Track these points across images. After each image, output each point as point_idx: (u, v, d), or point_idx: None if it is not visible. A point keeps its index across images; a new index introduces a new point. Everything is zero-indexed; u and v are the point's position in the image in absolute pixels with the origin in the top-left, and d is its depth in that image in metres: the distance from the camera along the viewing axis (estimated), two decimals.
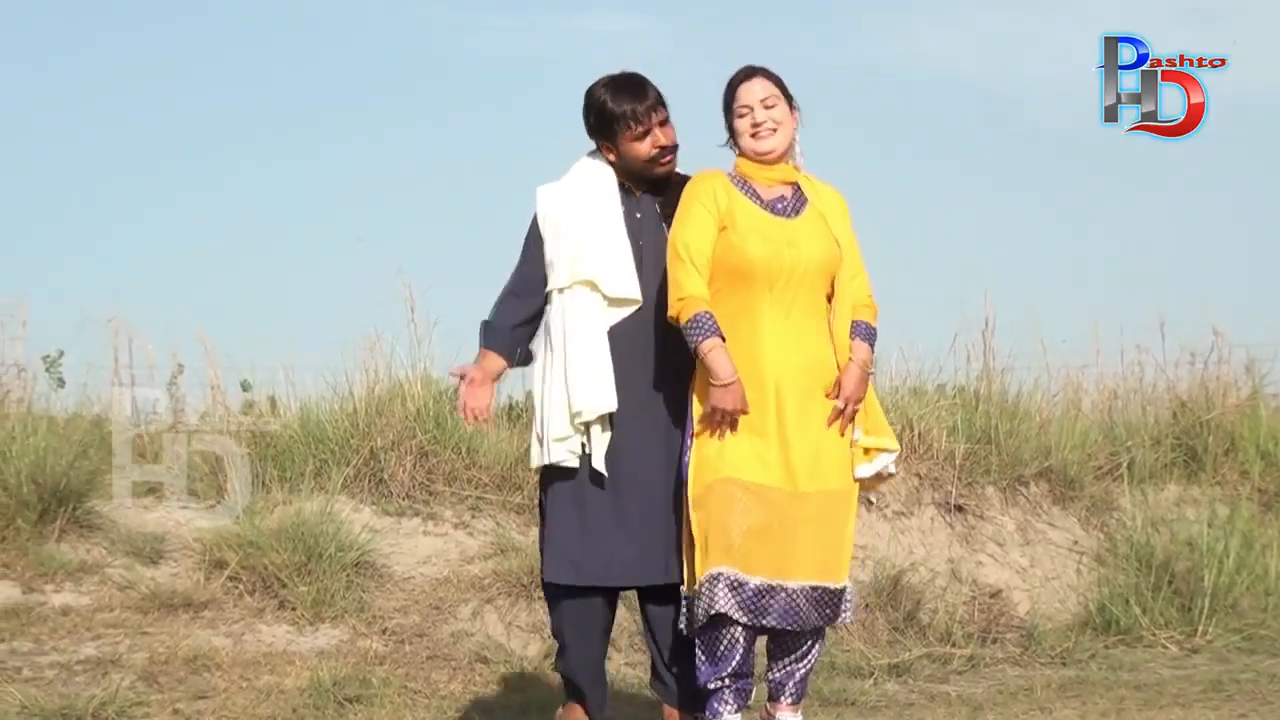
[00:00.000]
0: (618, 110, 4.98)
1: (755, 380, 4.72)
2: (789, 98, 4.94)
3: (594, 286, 4.93)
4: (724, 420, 4.68)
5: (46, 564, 7.35)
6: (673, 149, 5.04)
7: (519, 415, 9.33)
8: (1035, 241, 17.07)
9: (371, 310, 10.13)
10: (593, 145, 5.15)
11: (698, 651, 4.82)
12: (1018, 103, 19.58)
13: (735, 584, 4.65)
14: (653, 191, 5.08)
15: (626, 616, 7.58)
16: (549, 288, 5.00)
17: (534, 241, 5.09)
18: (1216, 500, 8.92)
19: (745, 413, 4.67)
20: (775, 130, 4.87)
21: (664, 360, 4.94)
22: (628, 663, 7.38)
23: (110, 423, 8.72)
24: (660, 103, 5.01)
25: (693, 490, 4.75)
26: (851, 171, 4.92)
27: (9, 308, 8.82)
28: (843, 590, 4.79)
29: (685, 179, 5.01)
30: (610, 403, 4.87)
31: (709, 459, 4.72)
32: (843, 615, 4.83)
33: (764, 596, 4.67)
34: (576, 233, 4.98)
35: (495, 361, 5.09)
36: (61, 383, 9.19)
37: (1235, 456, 9.35)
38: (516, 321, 5.10)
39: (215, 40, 18.53)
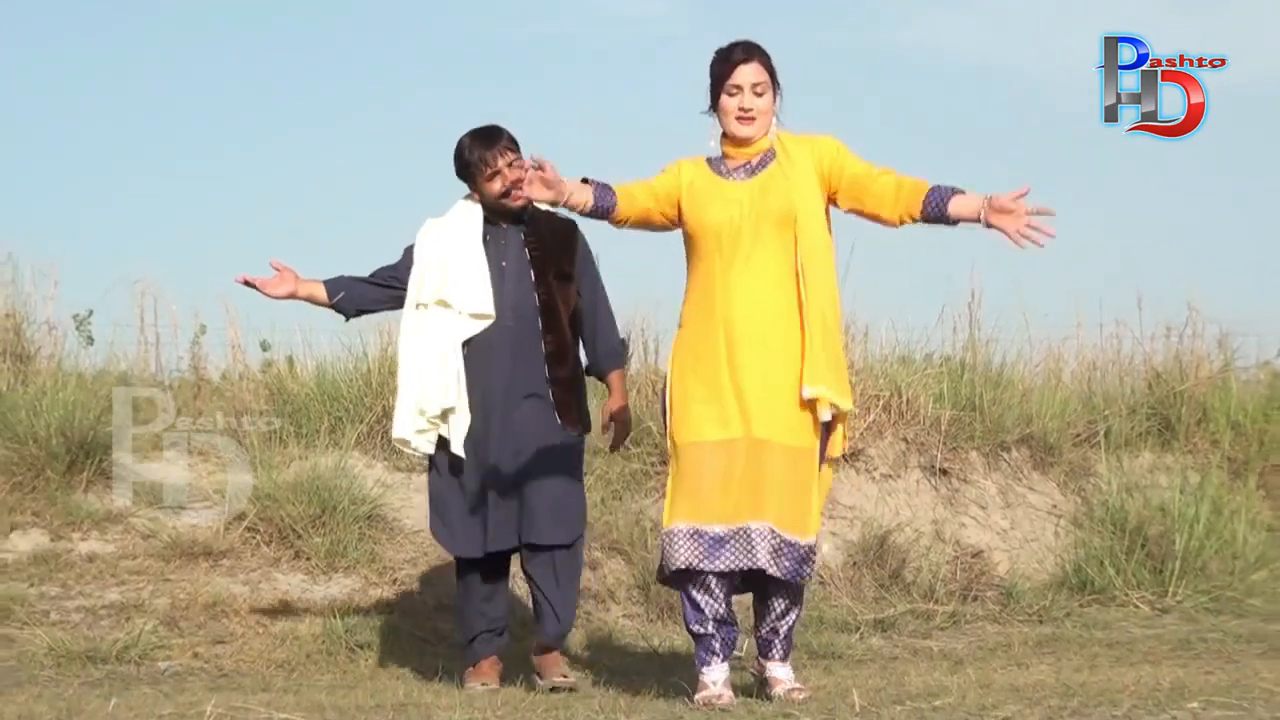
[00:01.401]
0: (471, 158, 5.67)
1: (709, 333, 4.73)
2: (775, 82, 4.89)
3: (447, 304, 5.62)
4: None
5: (74, 513, 7.35)
6: (520, 185, 5.32)
7: None
8: None
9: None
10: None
11: (683, 599, 4.81)
12: (1013, 87, 19.51)
13: (695, 534, 4.64)
14: (516, 223, 5.73)
15: (625, 570, 7.57)
16: (413, 301, 5.70)
17: (407, 255, 5.79)
18: (1188, 468, 8.91)
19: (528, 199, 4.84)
20: (756, 119, 4.83)
21: (519, 362, 5.62)
22: (625, 615, 7.37)
23: (135, 378, 8.70)
24: (510, 146, 5.64)
25: (671, 450, 4.76)
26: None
27: (42, 268, 8.81)
28: (808, 547, 4.70)
29: (546, 212, 5.67)
30: (449, 400, 5.57)
31: (678, 422, 4.74)
32: (804, 571, 4.73)
33: (722, 543, 4.62)
34: (440, 261, 5.66)
35: (316, 286, 5.78)
36: (90, 340, 9.18)
37: (1206, 426, 9.32)
38: (358, 279, 5.80)
39: (234, 16, 18.45)
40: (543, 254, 5.72)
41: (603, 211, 4.81)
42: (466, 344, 5.62)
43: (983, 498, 8.54)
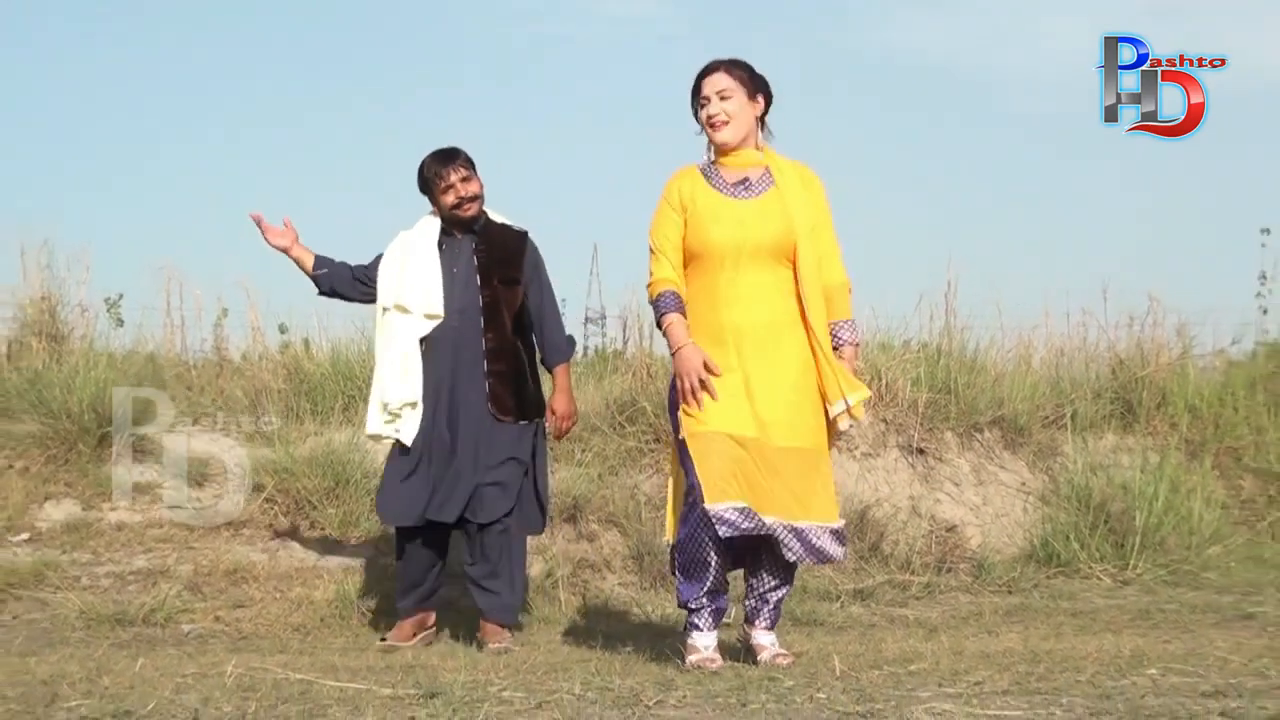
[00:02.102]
0: (429, 174, 6.02)
1: (718, 339, 4.72)
2: (756, 87, 4.88)
3: (405, 309, 5.95)
4: (690, 390, 4.64)
5: (104, 484, 7.36)
6: (471, 199, 5.98)
7: None
8: (996, 216, 17.09)
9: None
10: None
11: (676, 574, 4.82)
12: (993, 88, 19.51)
13: (733, 511, 4.57)
14: (470, 233, 6.03)
15: (620, 541, 7.59)
16: (379, 305, 6.02)
17: (376, 261, 6.12)
18: (1148, 449, 8.92)
19: (697, 381, 4.64)
20: (728, 122, 4.84)
21: (461, 357, 5.92)
22: (620, 583, 7.38)
23: (162, 358, 8.71)
24: (464, 164, 5.98)
25: (684, 444, 4.68)
26: (837, 148, 4.88)
27: (75, 254, 8.80)
28: (819, 529, 4.72)
29: (501, 224, 6.07)
30: (410, 395, 5.92)
31: (696, 415, 4.67)
32: (828, 553, 4.75)
33: (738, 515, 4.57)
34: (399, 269, 6.00)
35: (308, 254, 6.15)
36: (120, 322, 9.19)
37: (1166, 410, 9.34)
38: (343, 265, 6.16)
39: (256, 16, 18.43)
40: (489, 260, 6.00)
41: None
42: (424, 342, 5.95)
43: (957, 475, 8.56)
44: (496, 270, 5.99)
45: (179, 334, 9.04)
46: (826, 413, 4.77)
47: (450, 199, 5.98)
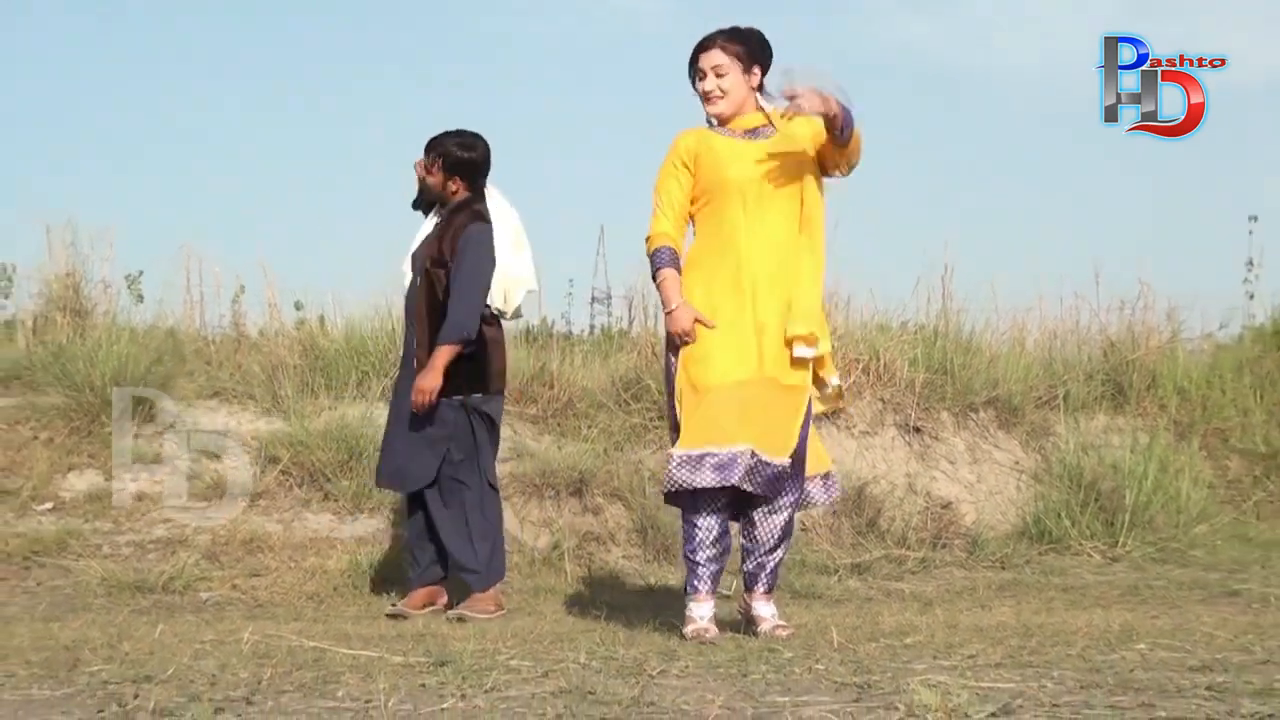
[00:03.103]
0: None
1: (735, 286, 4.75)
2: (752, 59, 4.89)
3: (404, 273, 6.21)
4: (679, 342, 4.72)
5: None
6: (428, 183, 6.19)
7: (535, 338, 9.32)
8: (991, 202, 17.03)
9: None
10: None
11: (683, 523, 4.87)
12: (988, 81, 19.46)
13: (693, 458, 4.64)
14: (442, 208, 6.22)
15: (625, 515, 7.59)
16: None
17: None
18: (1138, 429, 8.91)
19: (689, 340, 4.72)
20: (722, 97, 4.88)
21: (409, 328, 6.13)
22: (624, 556, 7.38)
23: (182, 333, 8.70)
24: (429, 151, 6.17)
25: (685, 389, 4.73)
26: None
27: (99, 232, 8.78)
28: (781, 467, 4.73)
29: (464, 210, 6.08)
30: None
31: (698, 366, 4.72)
32: (780, 489, 4.77)
33: (708, 464, 4.63)
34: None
35: None
36: (141, 298, 9.18)
37: (1155, 392, 9.33)
38: None
39: (268, 5, 18.40)
40: (433, 239, 6.12)
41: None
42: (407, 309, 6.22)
43: (952, 454, 8.55)
44: (431, 249, 6.07)
45: (198, 310, 9.02)
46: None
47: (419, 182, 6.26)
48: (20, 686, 3.59)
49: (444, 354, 5.92)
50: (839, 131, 4.71)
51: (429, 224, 6.23)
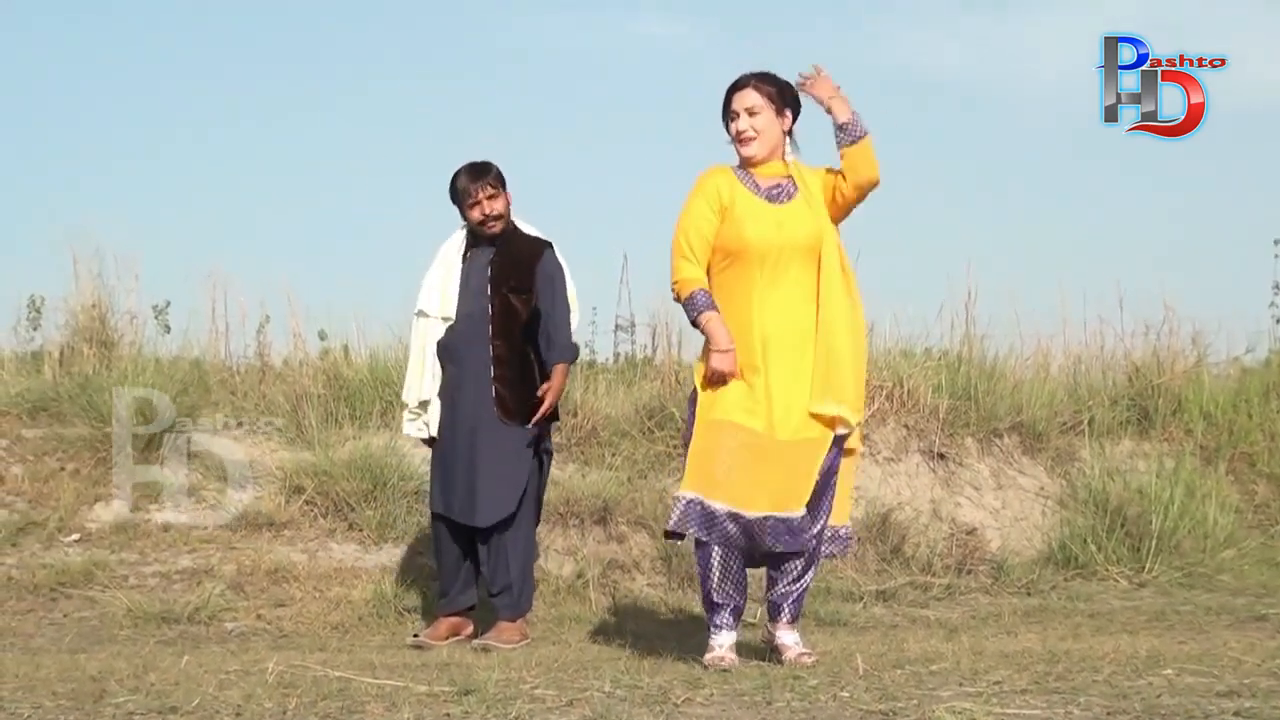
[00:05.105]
0: (458, 187, 6.06)
1: (746, 342, 4.75)
2: (784, 102, 4.90)
3: (424, 314, 6.10)
4: (720, 380, 4.73)
5: (151, 486, 7.38)
6: (495, 217, 6.04)
7: None
8: (1015, 226, 16.97)
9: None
10: None
11: (699, 564, 4.87)
12: (1005, 102, 19.42)
13: (698, 505, 4.70)
14: (491, 245, 6.08)
15: (649, 543, 7.58)
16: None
17: None
18: (1164, 454, 8.87)
19: (738, 377, 4.73)
20: (755, 138, 4.88)
21: (469, 360, 5.98)
22: (649, 584, 7.38)
23: (207, 364, 8.74)
24: (493, 182, 6.03)
25: (695, 428, 4.78)
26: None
27: (125, 263, 8.83)
28: (799, 517, 4.72)
29: (524, 235, 6.09)
30: (425, 393, 6.07)
31: (709, 403, 4.76)
32: (800, 542, 4.76)
33: (725, 521, 4.68)
34: (428, 276, 6.15)
35: None
36: (167, 329, 9.23)
37: (1181, 416, 9.28)
38: None
39: (293, 28, 18.51)
40: (501, 270, 6.04)
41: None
42: (443, 346, 6.06)
43: (977, 480, 8.53)
44: (507, 279, 6.02)
45: (223, 340, 9.06)
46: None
47: (476, 215, 6.05)
48: (47, 717, 3.61)
49: (563, 373, 6.09)
50: (841, 126, 4.77)
51: (453, 257, 6.15)
